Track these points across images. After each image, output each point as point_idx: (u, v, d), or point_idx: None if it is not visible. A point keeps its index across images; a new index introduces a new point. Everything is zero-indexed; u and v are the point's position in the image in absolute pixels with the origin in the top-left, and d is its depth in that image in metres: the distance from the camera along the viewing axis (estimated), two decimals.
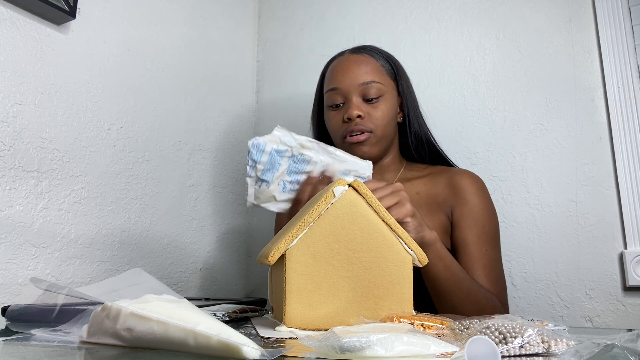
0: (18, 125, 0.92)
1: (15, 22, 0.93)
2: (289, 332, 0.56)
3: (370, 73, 0.96)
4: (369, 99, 0.94)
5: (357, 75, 0.94)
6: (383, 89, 0.95)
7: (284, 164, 0.79)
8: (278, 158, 0.78)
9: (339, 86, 0.96)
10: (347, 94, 0.95)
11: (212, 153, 1.38)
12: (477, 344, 0.35)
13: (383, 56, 1.01)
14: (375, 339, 0.39)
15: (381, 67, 0.98)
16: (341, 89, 0.95)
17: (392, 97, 0.98)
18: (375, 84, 0.94)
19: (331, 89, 0.97)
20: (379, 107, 0.94)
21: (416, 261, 0.61)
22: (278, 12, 1.61)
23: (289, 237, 0.58)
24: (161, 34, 1.25)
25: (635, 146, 1.04)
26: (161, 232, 1.20)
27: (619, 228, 1.04)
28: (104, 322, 0.46)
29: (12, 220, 0.90)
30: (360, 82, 0.94)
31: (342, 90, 0.95)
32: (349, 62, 0.98)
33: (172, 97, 1.26)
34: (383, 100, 0.95)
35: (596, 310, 1.04)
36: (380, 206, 0.60)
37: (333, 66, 1.00)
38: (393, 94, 0.98)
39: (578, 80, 1.13)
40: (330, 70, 1.00)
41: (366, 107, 0.94)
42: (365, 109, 0.93)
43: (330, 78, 0.99)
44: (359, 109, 0.93)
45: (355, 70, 0.95)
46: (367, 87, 0.94)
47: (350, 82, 0.94)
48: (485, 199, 0.96)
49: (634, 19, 1.09)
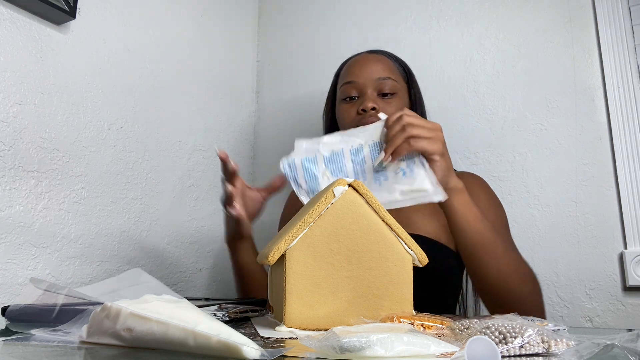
0: (18, 125, 0.92)
1: (15, 22, 0.93)
2: (289, 332, 0.56)
3: (387, 70, 0.98)
4: (384, 93, 0.95)
5: (374, 71, 0.96)
6: (397, 87, 0.97)
7: (320, 168, 0.78)
8: (312, 166, 0.77)
9: (355, 79, 0.97)
10: (363, 87, 0.96)
11: (212, 153, 1.38)
12: (477, 344, 0.35)
13: (398, 61, 1.03)
14: (375, 339, 0.39)
15: (396, 68, 1.01)
16: (357, 82, 0.97)
17: (405, 98, 1.00)
18: (390, 80, 0.96)
19: (347, 82, 0.98)
20: (392, 103, 0.95)
21: (416, 261, 0.61)
22: (278, 12, 1.60)
23: (289, 237, 0.58)
24: (161, 34, 1.25)
25: (635, 146, 1.04)
26: (161, 232, 1.20)
27: (619, 228, 1.04)
28: (104, 322, 0.46)
29: (12, 220, 0.90)
30: (376, 77, 0.96)
31: (358, 83, 0.97)
32: (366, 59, 1.00)
33: (172, 97, 1.26)
34: (396, 97, 0.96)
35: (596, 310, 1.04)
36: (380, 206, 0.60)
37: (350, 63, 1.03)
38: (405, 96, 1.00)
39: (578, 80, 1.13)
40: (347, 66, 1.02)
41: (380, 102, 0.95)
42: (380, 103, 0.94)
43: (346, 72, 1.01)
44: (374, 102, 0.94)
45: (372, 66, 0.98)
46: (383, 82, 0.95)
47: (366, 76, 0.96)
48: (489, 192, 0.96)
49: (634, 19, 1.09)
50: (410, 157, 0.73)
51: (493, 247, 0.76)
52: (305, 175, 0.77)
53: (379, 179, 0.75)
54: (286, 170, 0.78)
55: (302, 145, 0.79)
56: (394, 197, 0.72)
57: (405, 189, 0.72)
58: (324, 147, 0.79)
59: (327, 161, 0.78)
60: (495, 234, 0.77)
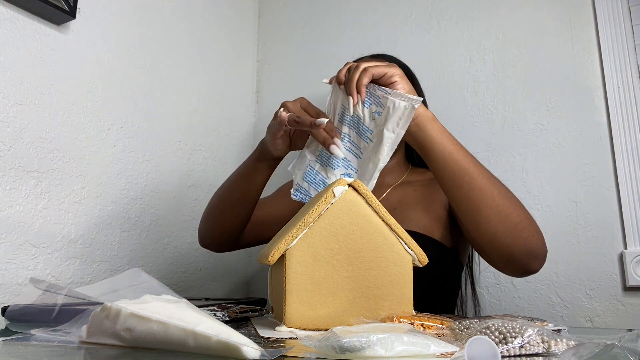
0: (18, 125, 0.92)
1: (15, 22, 0.93)
2: (289, 332, 0.56)
3: None
4: None
5: None
6: None
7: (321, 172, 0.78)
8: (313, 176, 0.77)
9: None
10: None
11: (212, 153, 1.38)
12: (477, 344, 0.35)
13: (400, 64, 1.03)
14: (375, 339, 0.39)
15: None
16: None
17: None
18: None
19: None
20: None
21: (416, 261, 0.61)
22: (278, 12, 1.61)
23: (289, 237, 0.58)
24: (161, 34, 1.25)
25: (635, 146, 1.04)
26: (161, 232, 1.20)
27: (619, 228, 1.04)
28: (104, 323, 0.46)
29: (12, 220, 0.90)
30: None
31: None
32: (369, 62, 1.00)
33: (172, 97, 1.26)
34: None
35: (596, 310, 1.04)
36: (380, 206, 0.60)
37: None
38: None
39: (578, 80, 1.13)
40: None
41: None
42: None
43: None
44: None
45: None
46: None
47: None
48: None
49: (634, 19, 1.09)
50: (373, 100, 0.73)
51: (478, 173, 0.72)
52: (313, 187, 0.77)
53: (366, 137, 0.74)
54: (299, 197, 0.77)
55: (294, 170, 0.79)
56: (389, 136, 0.71)
57: (390, 124, 0.71)
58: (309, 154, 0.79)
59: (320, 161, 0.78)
60: (476, 161, 0.74)
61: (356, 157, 0.75)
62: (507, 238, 0.72)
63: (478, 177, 0.72)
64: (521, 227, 0.72)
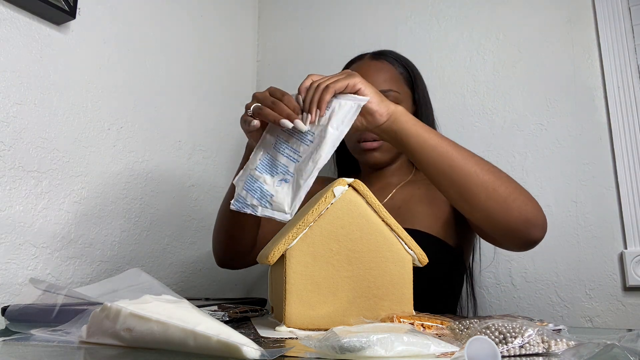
0: (18, 125, 0.92)
1: (15, 22, 0.93)
2: (289, 332, 0.56)
3: (388, 81, 0.97)
4: None
5: (375, 83, 0.93)
6: (399, 98, 0.96)
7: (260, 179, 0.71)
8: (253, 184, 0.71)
9: None
10: None
11: (212, 153, 1.38)
12: (477, 344, 0.35)
13: (402, 64, 1.02)
14: (375, 339, 0.39)
15: (399, 74, 1.00)
16: None
17: (408, 106, 0.99)
18: (392, 92, 0.95)
19: None
20: None
21: (416, 261, 0.61)
22: (278, 12, 1.61)
23: (289, 237, 0.58)
24: (161, 34, 1.25)
25: (635, 146, 1.04)
26: (161, 232, 1.20)
27: (619, 228, 1.04)
28: (104, 323, 0.46)
29: (12, 220, 0.90)
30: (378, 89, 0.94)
31: None
32: (367, 68, 0.98)
33: (172, 97, 1.26)
34: None
35: (596, 310, 1.04)
36: (380, 206, 0.60)
37: (352, 69, 1.01)
38: (409, 103, 1.00)
39: (578, 80, 1.13)
40: None
41: None
42: None
43: None
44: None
45: (373, 77, 0.96)
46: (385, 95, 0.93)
47: None
48: None
49: (634, 19, 1.09)
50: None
51: (458, 154, 0.72)
52: (250, 194, 0.70)
53: (307, 140, 0.69)
54: (237, 206, 0.70)
55: (237, 182, 0.73)
56: (332, 133, 0.67)
57: (334, 122, 0.68)
58: (251, 164, 0.73)
59: (259, 169, 0.72)
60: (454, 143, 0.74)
61: (294, 162, 0.69)
62: (501, 212, 0.73)
63: (458, 158, 0.72)
64: (512, 199, 0.73)
